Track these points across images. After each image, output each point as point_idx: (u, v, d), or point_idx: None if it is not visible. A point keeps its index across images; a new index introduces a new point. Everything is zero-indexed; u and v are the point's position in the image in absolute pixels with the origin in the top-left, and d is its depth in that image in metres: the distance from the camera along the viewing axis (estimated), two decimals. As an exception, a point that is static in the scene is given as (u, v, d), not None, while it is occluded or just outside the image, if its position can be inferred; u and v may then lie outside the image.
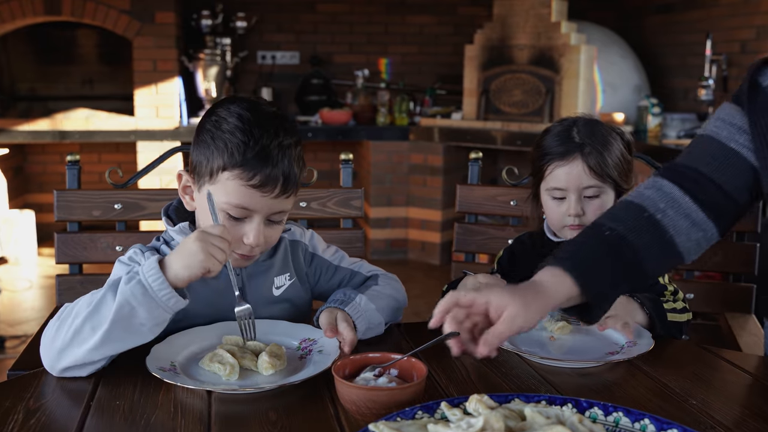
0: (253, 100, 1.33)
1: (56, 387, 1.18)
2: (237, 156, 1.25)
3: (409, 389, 1.03)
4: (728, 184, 1.31)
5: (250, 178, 1.25)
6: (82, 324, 1.16)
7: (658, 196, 1.30)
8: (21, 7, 4.92)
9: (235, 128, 1.26)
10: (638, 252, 1.24)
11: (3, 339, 3.60)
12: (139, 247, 1.37)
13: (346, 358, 1.12)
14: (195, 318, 1.34)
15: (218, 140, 1.27)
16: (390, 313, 1.44)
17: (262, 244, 1.32)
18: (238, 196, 1.27)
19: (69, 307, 1.22)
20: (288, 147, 1.28)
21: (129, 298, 1.14)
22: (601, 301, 1.22)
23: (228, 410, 1.09)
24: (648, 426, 0.93)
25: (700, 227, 1.30)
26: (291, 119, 1.36)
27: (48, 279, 4.69)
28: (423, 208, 5.20)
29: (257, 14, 5.61)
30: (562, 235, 1.63)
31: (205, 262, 1.17)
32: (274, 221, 1.33)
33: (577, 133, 1.58)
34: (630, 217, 1.27)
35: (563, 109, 4.53)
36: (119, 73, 5.52)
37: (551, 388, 1.19)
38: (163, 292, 1.15)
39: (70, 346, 1.17)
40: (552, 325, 1.42)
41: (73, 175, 1.91)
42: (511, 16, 4.79)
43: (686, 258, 1.31)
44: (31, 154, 5.71)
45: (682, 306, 1.53)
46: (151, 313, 1.16)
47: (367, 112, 5.38)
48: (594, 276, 1.20)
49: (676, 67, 5.06)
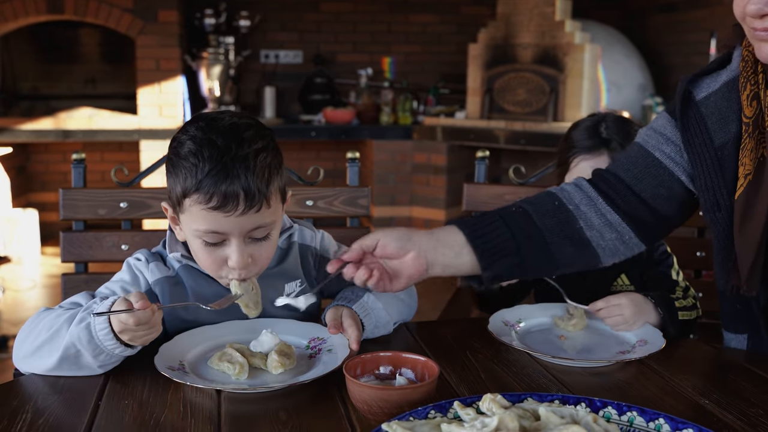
0: (213, 116, 1.26)
1: (64, 386, 1.17)
2: (191, 180, 1.19)
3: (420, 389, 1.02)
4: (646, 191, 1.34)
5: (208, 200, 1.18)
6: (42, 345, 1.17)
7: (575, 191, 1.35)
8: (24, 6, 4.92)
9: (188, 152, 1.20)
10: (542, 232, 1.28)
11: (6, 338, 3.60)
12: (145, 254, 1.37)
13: (358, 357, 1.11)
14: (203, 318, 1.33)
15: (177, 167, 1.23)
16: (398, 313, 1.43)
17: (251, 265, 1.26)
18: (205, 222, 1.21)
19: (42, 315, 1.23)
20: (244, 158, 1.19)
21: (75, 341, 1.14)
22: (490, 262, 1.24)
23: (238, 410, 1.08)
24: (663, 426, 0.92)
25: (614, 228, 1.33)
26: (258, 123, 1.27)
27: (51, 278, 4.69)
28: (426, 207, 5.19)
29: (260, 13, 5.60)
30: None
31: (140, 343, 1.16)
32: (257, 238, 1.26)
33: (605, 128, 1.59)
34: (541, 201, 1.32)
35: (567, 108, 4.53)
36: (122, 72, 5.52)
37: (563, 388, 1.18)
38: (108, 342, 1.13)
39: (32, 359, 1.19)
40: (565, 323, 1.41)
41: (79, 174, 1.89)
42: (514, 14, 4.78)
43: (602, 258, 1.34)
44: (34, 153, 5.71)
45: (692, 303, 1.53)
46: (97, 357, 1.15)
47: (370, 111, 5.37)
48: (485, 235, 1.25)
49: (680, 66, 5.05)
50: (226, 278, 1.28)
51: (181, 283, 1.34)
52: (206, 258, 1.26)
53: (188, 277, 1.33)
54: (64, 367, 1.17)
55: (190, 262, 1.33)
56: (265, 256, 1.30)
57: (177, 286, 1.33)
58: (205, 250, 1.25)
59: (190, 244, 1.29)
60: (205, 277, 1.33)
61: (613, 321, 1.40)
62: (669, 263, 1.64)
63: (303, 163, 5.58)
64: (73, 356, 1.15)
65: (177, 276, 1.34)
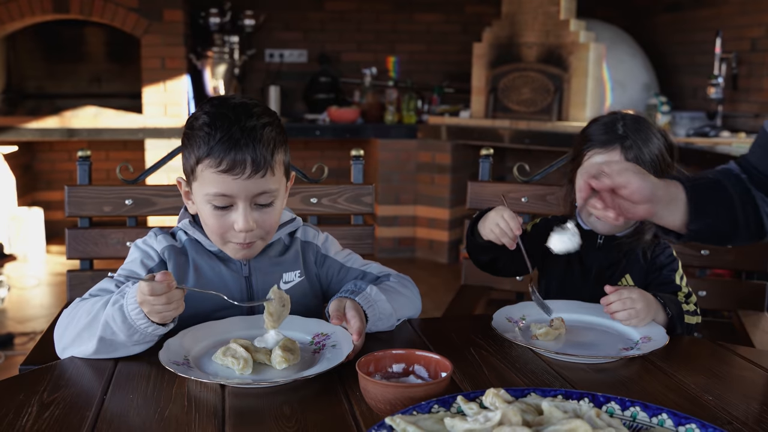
0: (224, 97, 1.39)
1: (70, 380, 1.18)
2: (204, 147, 1.30)
3: (442, 383, 1.02)
4: None
5: (218, 163, 1.29)
6: (81, 331, 1.25)
7: None
8: (30, 5, 4.93)
9: (203, 124, 1.32)
10: None
11: (12, 336, 3.61)
12: (154, 230, 1.46)
13: (370, 355, 1.09)
14: (207, 313, 1.35)
15: (191, 138, 1.34)
16: (401, 308, 1.44)
17: (255, 230, 1.35)
18: (215, 185, 1.31)
19: (79, 306, 1.30)
20: (252, 129, 1.30)
21: (110, 321, 1.21)
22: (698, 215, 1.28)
23: (242, 404, 1.08)
24: (666, 421, 0.92)
25: None
26: (265, 105, 1.39)
27: (56, 276, 4.70)
28: (431, 206, 5.19)
29: (265, 12, 5.60)
30: (588, 222, 1.65)
31: (158, 319, 1.21)
32: (261, 204, 1.35)
33: (623, 126, 1.60)
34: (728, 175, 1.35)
35: (572, 108, 4.52)
36: (127, 71, 5.53)
37: (566, 383, 1.18)
38: (140, 321, 1.20)
39: (73, 346, 1.27)
40: (537, 329, 1.39)
41: (84, 171, 1.90)
42: (519, 14, 4.78)
43: None
44: (39, 151, 5.72)
45: (694, 309, 1.54)
46: (131, 337, 1.22)
47: (374, 110, 5.37)
48: None
49: (685, 65, 5.04)
50: (232, 242, 1.36)
51: (185, 254, 1.43)
52: (214, 222, 1.35)
53: (192, 249, 1.43)
54: (102, 350, 1.24)
55: (196, 235, 1.42)
56: (268, 223, 1.37)
57: (181, 255, 1.43)
58: (213, 214, 1.34)
59: (200, 212, 1.38)
60: (207, 252, 1.43)
61: (625, 314, 1.40)
62: (674, 267, 1.64)
63: (307, 162, 5.58)
64: (109, 337, 1.22)
65: (183, 247, 1.44)
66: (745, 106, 4.39)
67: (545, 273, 1.74)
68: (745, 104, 4.39)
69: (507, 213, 1.52)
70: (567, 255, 1.42)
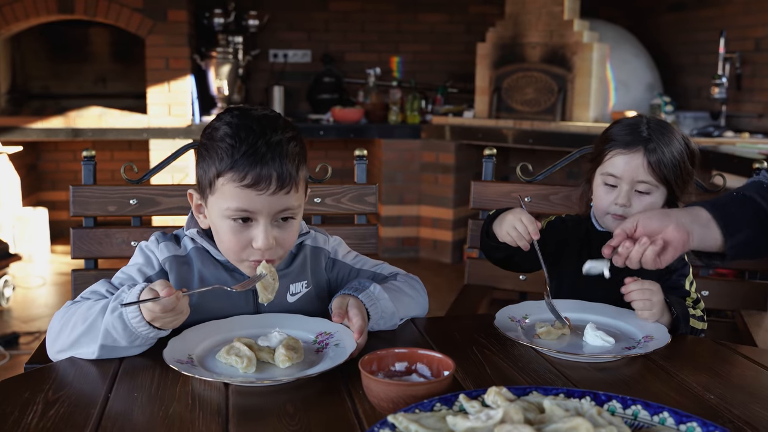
0: (245, 108, 1.34)
1: (75, 379, 1.18)
2: (227, 160, 1.25)
3: (444, 381, 1.02)
4: None
5: (242, 178, 1.25)
6: (80, 337, 1.24)
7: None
8: (34, 5, 4.95)
9: (224, 135, 1.27)
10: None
11: (17, 335, 3.62)
12: (157, 235, 1.42)
13: (373, 353, 1.09)
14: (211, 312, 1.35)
15: (211, 150, 1.28)
16: (404, 307, 1.44)
17: (275, 248, 1.31)
18: (237, 199, 1.26)
19: (72, 309, 1.28)
20: (278, 144, 1.26)
21: (111, 330, 1.21)
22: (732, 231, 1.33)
23: (245, 403, 1.09)
24: (667, 419, 0.93)
25: None
26: (286, 118, 1.36)
27: (61, 276, 4.72)
28: (434, 206, 5.20)
29: (269, 12, 5.62)
30: (603, 222, 1.65)
31: (168, 327, 1.23)
32: (282, 221, 1.31)
33: (647, 128, 1.60)
34: None
35: (575, 108, 4.52)
36: (132, 71, 5.55)
37: (568, 382, 1.18)
38: (142, 329, 1.20)
39: (71, 350, 1.26)
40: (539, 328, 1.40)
41: (89, 171, 1.91)
42: (523, 14, 4.78)
43: None
44: (44, 151, 5.74)
45: (701, 315, 1.55)
46: (132, 342, 1.22)
47: (378, 110, 5.38)
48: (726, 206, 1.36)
49: (689, 65, 5.04)
50: (248, 260, 1.32)
51: (189, 264, 1.39)
52: (231, 239, 1.30)
53: (198, 259, 1.39)
54: (104, 354, 1.23)
55: (204, 243, 1.38)
56: (288, 240, 1.34)
57: (185, 265, 1.38)
58: (231, 230, 1.29)
59: (216, 227, 1.33)
60: (214, 262, 1.39)
61: (642, 304, 1.43)
62: (684, 272, 1.64)
63: (311, 161, 5.51)
64: (111, 343, 1.22)
65: (187, 256, 1.39)
66: (749, 106, 4.38)
67: (557, 274, 1.74)
68: (749, 104, 4.38)
69: (525, 217, 1.52)
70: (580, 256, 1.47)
